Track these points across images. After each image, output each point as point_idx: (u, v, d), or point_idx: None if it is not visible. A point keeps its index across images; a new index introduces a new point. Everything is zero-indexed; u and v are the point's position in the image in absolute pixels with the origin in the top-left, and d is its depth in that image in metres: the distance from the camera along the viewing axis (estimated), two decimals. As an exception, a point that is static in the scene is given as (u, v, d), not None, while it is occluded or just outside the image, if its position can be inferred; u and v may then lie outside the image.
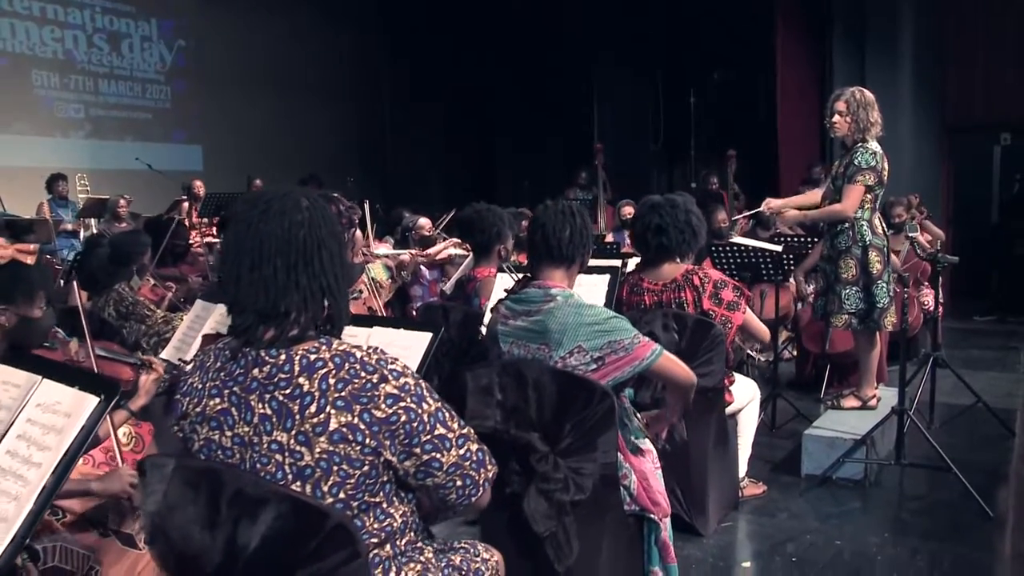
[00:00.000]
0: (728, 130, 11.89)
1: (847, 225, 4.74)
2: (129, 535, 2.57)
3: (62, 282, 4.58)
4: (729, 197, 9.86)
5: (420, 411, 1.70)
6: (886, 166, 4.73)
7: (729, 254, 5.71)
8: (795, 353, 7.01)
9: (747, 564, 3.67)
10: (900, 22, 10.15)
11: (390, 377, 1.69)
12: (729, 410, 4.01)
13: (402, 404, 1.68)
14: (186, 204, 9.42)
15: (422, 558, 1.86)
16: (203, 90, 12.46)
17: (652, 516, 2.83)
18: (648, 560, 2.92)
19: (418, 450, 1.71)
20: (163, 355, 3.88)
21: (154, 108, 12.30)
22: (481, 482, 1.83)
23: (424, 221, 7.08)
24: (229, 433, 1.72)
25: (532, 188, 11.75)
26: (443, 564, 1.91)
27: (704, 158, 12.36)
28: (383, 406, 1.66)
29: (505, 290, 2.94)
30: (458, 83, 13.50)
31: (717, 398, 3.86)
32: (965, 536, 3.83)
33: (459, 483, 1.78)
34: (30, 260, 2.61)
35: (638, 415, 2.98)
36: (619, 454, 2.71)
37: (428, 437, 1.71)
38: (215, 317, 4.03)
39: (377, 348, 1.75)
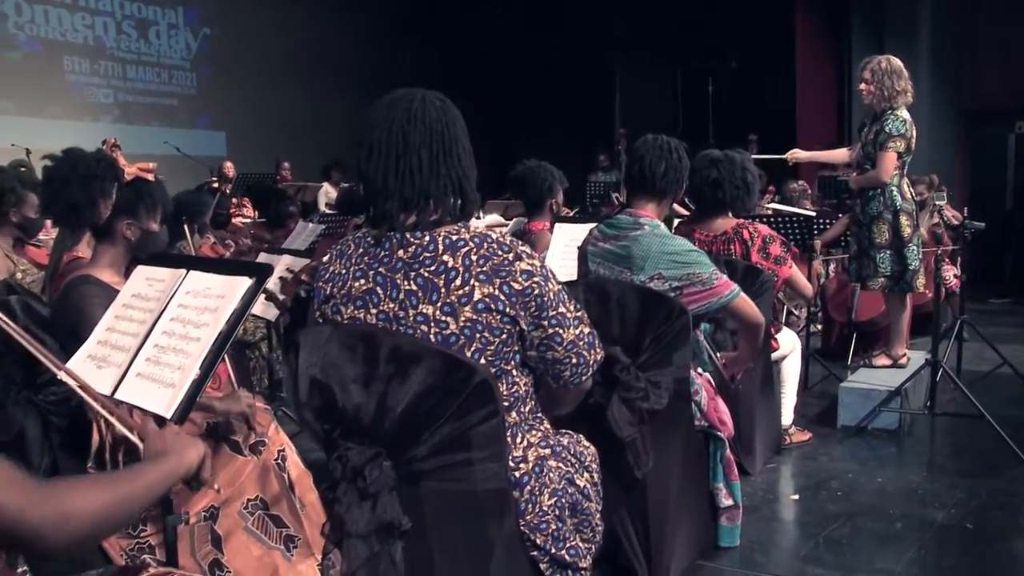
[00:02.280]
0: (747, 116, 12.06)
1: (878, 191, 4.92)
2: (236, 442, 2.74)
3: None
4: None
5: (548, 287, 1.91)
6: (914, 134, 4.91)
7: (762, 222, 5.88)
8: (820, 327, 7.19)
9: (795, 497, 3.85)
10: (919, 8, 10.33)
11: (523, 256, 1.89)
12: (774, 356, 4.21)
13: (535, 279, 1.88)
14: (216, 183, 9.61)
15: (542, 428, 2.06)
16: (227, 77, 12.65)
17: (719, 433, 3.03)
18: (713, 476, 3.12)
19: (545, 322, 1.91)
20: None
21: (180, 94, 12.50)
22: (591, 363, 2.03)
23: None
24: (374, 310, 1.92)
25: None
26: (555, 441, 2.10)
27: (723, 145, 12.49)
28: (520, 279, 1.86)
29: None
30: (480, 69, 13.70)
31: (765, 343, 4.05)
32: (1000, 475, 4.01)
33: (574, 360, 1.98)
34: (151, 177, 2.77)
35: (716, 353, 3.18)
36: (691, 371, 2.91)
37: (554, 312, 1.91)
38: (279, 268, 4.24)
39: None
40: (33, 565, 1.95)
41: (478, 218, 6.98)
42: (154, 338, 2.04)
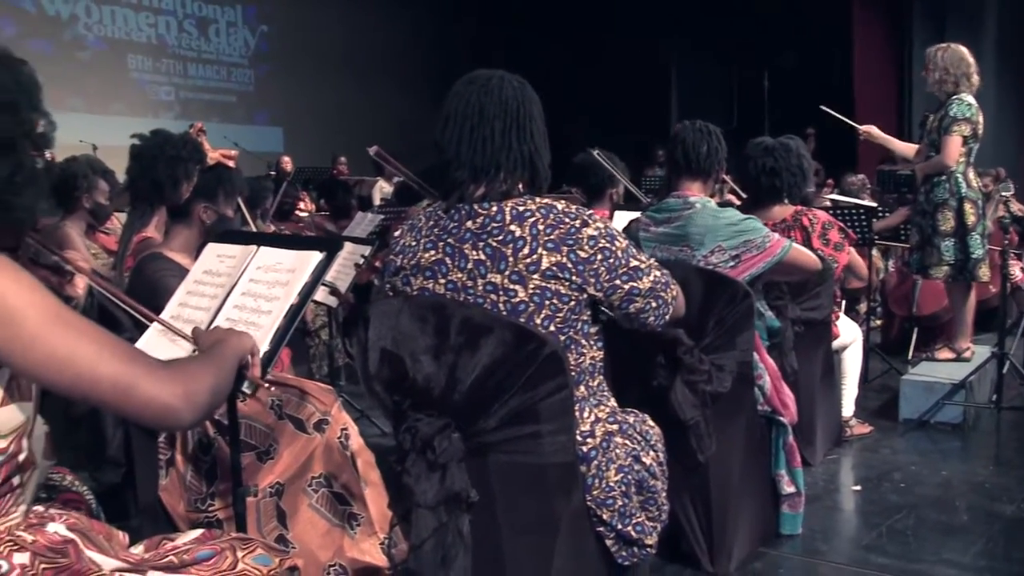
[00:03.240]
0: (803, 111, 11.88)
1: (943, 178, 4.83)
2: (300, 420, 2.77)
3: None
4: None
5: (615, 248, 1.94)
6: (981, 119, 4.81)
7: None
8: (879, 321, 7.08)
9: (857, 488, 3.80)
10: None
11: (589, 221, 1.91)
12: (835, 345, 4.16)
13: (601, 244, 1.91)
14: (274, 175, 9.74)
15: (609, 404, 2.07)
16: (285, 73, 12.84)
17: (782, 419, 3.00)
18: (775, 463, 3.09)
19: (619, 281, 1.94)
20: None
21: (238, 91, 12.72)
22: (669, 300, 2.09)
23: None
24: (443, 280, 1.94)
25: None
26: (622, 418, 2.10)
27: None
28: (586, 247, 1.89)
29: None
30: (534, 66, 13.70)
31: (825, 332, 4.01)
32: (1072, 472, 3.92)
33: (654, 304, 2.03)
34: (232, 164, 2.84)
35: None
36: (755, 354, 2.89)
37: (625, 270, 1.95)
38: (342, 253, 4.29)
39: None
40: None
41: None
42: (226, 312, 2.07)
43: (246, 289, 2.10)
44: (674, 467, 2.59)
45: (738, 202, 4.45)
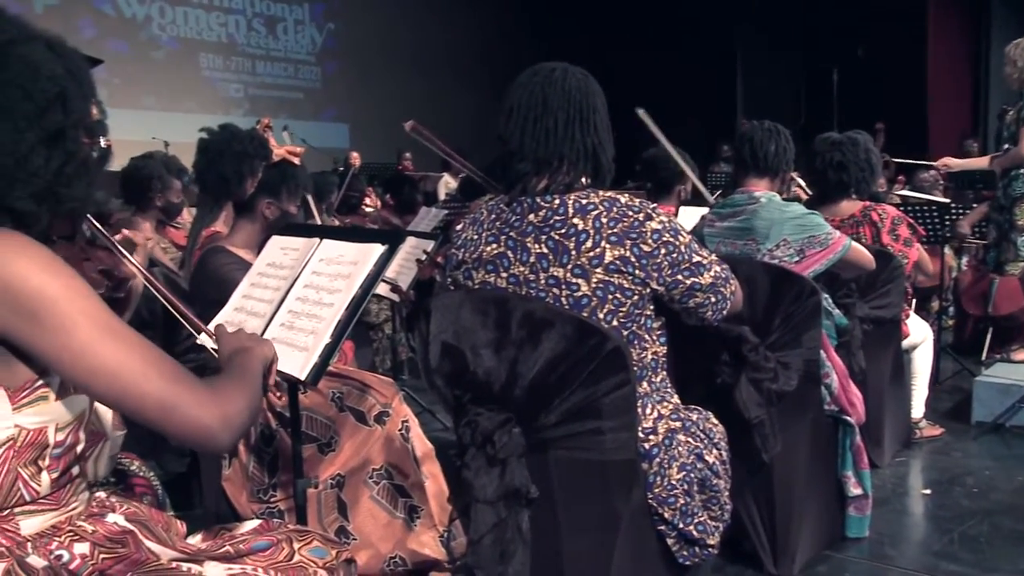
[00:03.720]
0: (873, 106, 11.66)
1: (1022, 171, 4.69)
2: (361, 412, 2.79)
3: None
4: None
5: (678, 243, 1.91)
6: None
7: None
8: (951, 321, 6.90)
9: (927, 491, 3.70)
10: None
11: (653, 215, 1.89)
12: (905, 344, 4.05)
13: (664, 238, 1.88)
14: (342, 171, 9.83)
15: (672, 401, 2.04)
16: (351, 70, 13.01)
17: (849, 419, 2.94)
18: (841, 464, 3.02)
19: (681, 276, 1.91)
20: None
21: (305, 88, 12.92)
22: (728, 295, 2.05)
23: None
24: (504, 274, 1.93)
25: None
26: (685, 416, 2.07)
27: (849, 135, 12.13)
28: (649, 241, 1.86)
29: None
30: (599, 61, 13.65)
31: (895, 331, 3.91)
32: None
33: (713, 299, 2.00)
34: (296, 161, 2.86)
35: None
36: (822, 352, 2.83)
37: (688, 264, 1.92)
38: (401, 252, 4.30)
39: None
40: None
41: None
42: (288, 304, 2.09)
43: (308, 281, 2.11)
44: (738, 466, 2.55)
45: (805, 198, 4.38)
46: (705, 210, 3.37)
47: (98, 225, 1.74)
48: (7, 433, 1.23)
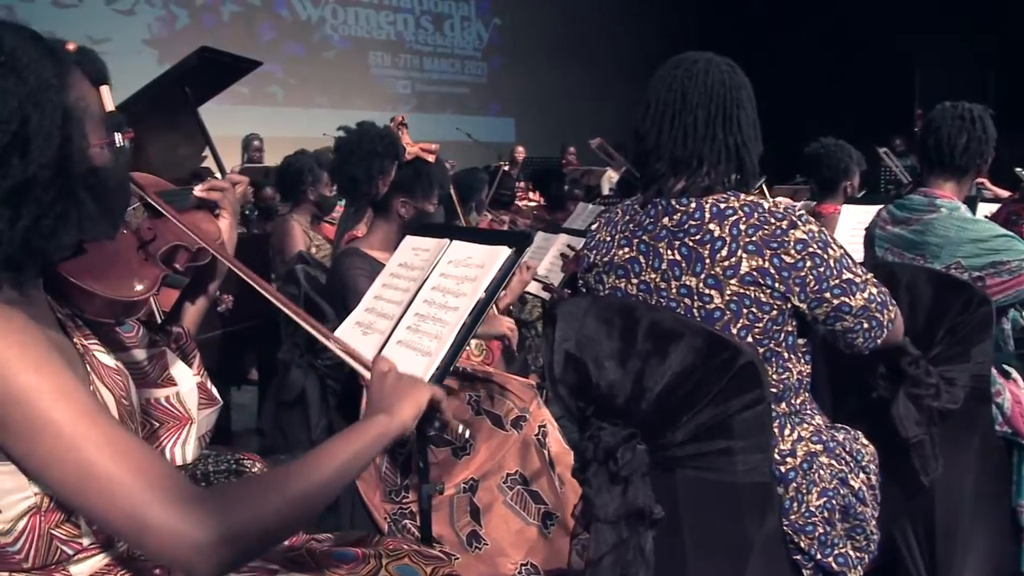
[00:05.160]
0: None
1: None
2: (498, 415, 2.75)
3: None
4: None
5: (827, 256, 1.73)
6: None
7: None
8: None
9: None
10: None
11: (799, 223, 1.73)
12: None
13: (810, 250, 1.72)
14: (506, 167, 9.89)
15: (814, 422, 1.89)
16: (517, 65, 13.11)
17: (1025, 442, 2.68)
18: (1016, 492, 2.76)
19: (828, 295, 1.74)
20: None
21: (471, 83, 13.13)
22: (885, 323, 1.83)
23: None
24: (635, 280, 1.84)
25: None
26: (829, 436, 1.91)
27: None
28: (792, 251, 1.71)
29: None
30: (765, 53, 13.21)
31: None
32: None
33: (865, 325, 1.80)
34: (431, 158, 2.83)
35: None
36: (994, 369, 2.58)
37: (836, 282, 1.74)
38: (554, 248, 4.25)
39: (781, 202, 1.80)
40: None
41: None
42: (415, 307, 2.06)
43: (436, 284, 2.08)
44: (894, 490, 2.37)
45: (1006, 193, 4.01)
46: (878, 208, 3.09)
47: (159, 202, 1.62)
48: (28, 503, 1.13)
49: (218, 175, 4.21)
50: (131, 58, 9.32)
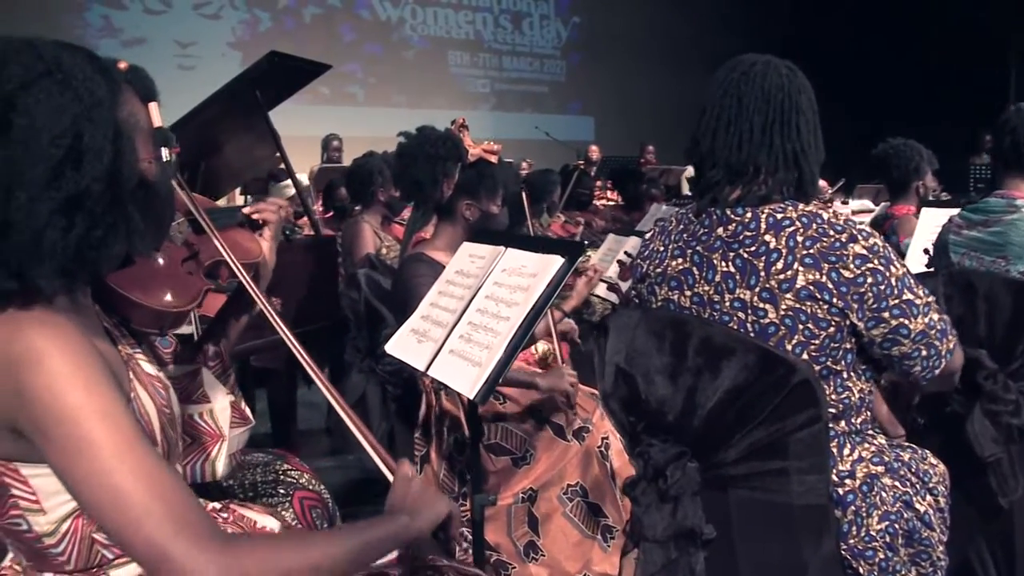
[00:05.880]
0: None
1: None
2: (560, 426, 2.71)
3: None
4: None
5: (888, 274, 1.65)
6: None
7: None
8: None
9: None
10: None
11: (859, 237, 1.65)
12: None
13: (870, 265, 1.63)
14: (582, 165, 9.84)
15: (876, 442, 1.80)
16: (596, 63, 13.05)
17: (1116, 462, 2.53)
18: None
19: (886, 314, 1.65)
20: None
21: (550, 81, 13.10)
22: (944, 352, 1.73)
23: (820, 183, 6.85)
24: (688, 292, 1.78)
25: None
26: (893, 456, 1.83)
27: None
28: (852, 266, 1.63)
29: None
30: (855, 47, 12.89)
31: None
32: None
33: (924, 353, 1.70)
34: (494, 159, 2.81)
35: None
36: (1080, 384, 2.45)
37: (896, 302, 1.65)
38: (627, 247, 4.19)
39: (842, 214, 1.72)
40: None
41: (844, 203, 6.56)
42: (469, 315, 2.04)
43: (490, 292, 2.05)
44: (969, 511, 2.27)
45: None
46: (953, 211, 2.98)
47: (204, 218, 1.65)
48: (72, 505, 1.17)
49: (291, 178, 4.25)
50: (216, 60, 9.56)
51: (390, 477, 1.46)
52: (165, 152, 1.30)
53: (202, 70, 9.41)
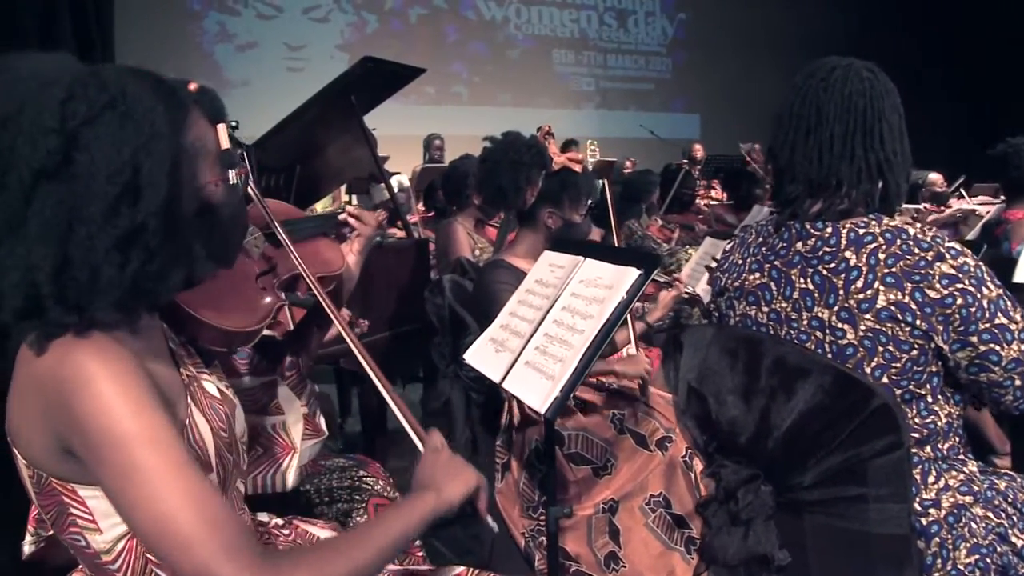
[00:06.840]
0: None
1: None
2: (642, 435, 2.66)
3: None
4: None
5: (979, 296, 1.55)
6: None
7: None
8: None
9: None
10: None
11: (947, 255, 1.56)
12: None
13: (959, 286, 1.54)
14: (685, 164, 9.70)
15: (965, 469, 1.71)
16: (702, 61, 12.83)
17: None
18: None
19: (975, 339, 1.55)
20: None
21: (656, 79, 12.95)
22: None
23: (935, 176, 6.59)
24: (766, 308, 1.72)
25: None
26: (986, 485, 1.73)
27: None
28: (938, 286, 1.54)
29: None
30: (971, 41, 12.33)
31: None
32: None
33: (1017, 383, 1.59)
34: (578, 168, 2.78)
35: None
36: None
37: (987, 326, 1.55)
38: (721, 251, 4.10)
39: (932, 228, 1.63)
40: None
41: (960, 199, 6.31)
42: (545, 327, 2.02)
43: (567, 304, 2.03)
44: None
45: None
46: None
47: (282, 235, 1.63)
48: (125, 527, 1.19)
49: (386, 182, 4.30)
50: (324, 63, 9.77)
51: (421, 448, 1.47)
52: (232, 175, 1.29)
53: (310, 72, 9.63)
